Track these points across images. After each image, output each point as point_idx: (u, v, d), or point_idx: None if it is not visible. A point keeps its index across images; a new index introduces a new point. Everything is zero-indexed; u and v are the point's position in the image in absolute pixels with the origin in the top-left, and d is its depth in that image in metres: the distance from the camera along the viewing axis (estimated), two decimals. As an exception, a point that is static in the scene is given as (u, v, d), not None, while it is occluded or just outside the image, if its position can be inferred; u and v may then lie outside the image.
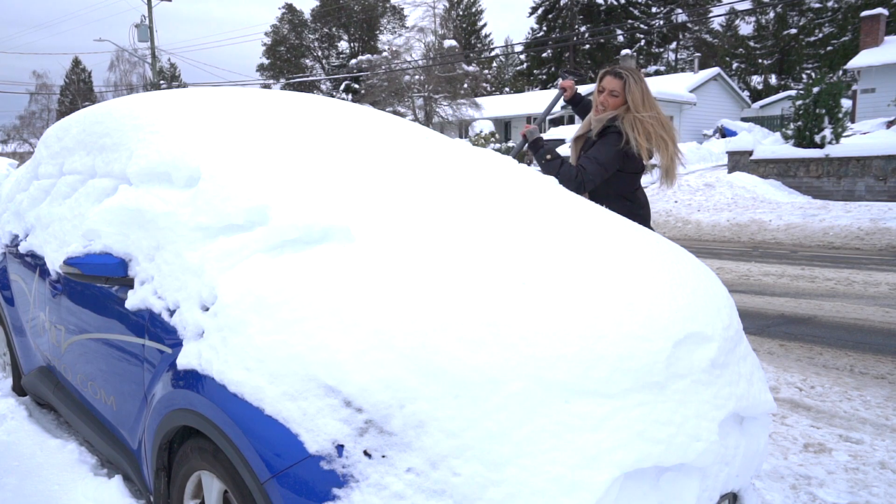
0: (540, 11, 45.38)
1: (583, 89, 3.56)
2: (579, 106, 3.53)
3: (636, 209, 3.03)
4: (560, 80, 3.50)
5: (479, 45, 50.94)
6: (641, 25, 40.97)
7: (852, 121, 18.89)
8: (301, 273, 1.80)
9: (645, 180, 3.22)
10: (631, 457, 1.55)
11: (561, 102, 3.54)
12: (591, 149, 3.02)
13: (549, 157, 2.99)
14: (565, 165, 2.98)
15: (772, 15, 40.13)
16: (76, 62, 55.05)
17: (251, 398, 1.65)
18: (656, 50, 45.03)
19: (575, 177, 2.90)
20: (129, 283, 2.28)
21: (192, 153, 2.31)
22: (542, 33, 45.47)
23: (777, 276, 7.72)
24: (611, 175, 2.98)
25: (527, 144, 3.11)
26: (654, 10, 43.73)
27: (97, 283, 2.34)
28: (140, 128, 2.60)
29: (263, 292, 1.78)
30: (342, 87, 39.24)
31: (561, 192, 2.52)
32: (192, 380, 1.83)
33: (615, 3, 42.23)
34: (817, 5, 36.94)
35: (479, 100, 30.34)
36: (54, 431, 3.31)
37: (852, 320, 5.62)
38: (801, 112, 14.09)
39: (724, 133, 25.39)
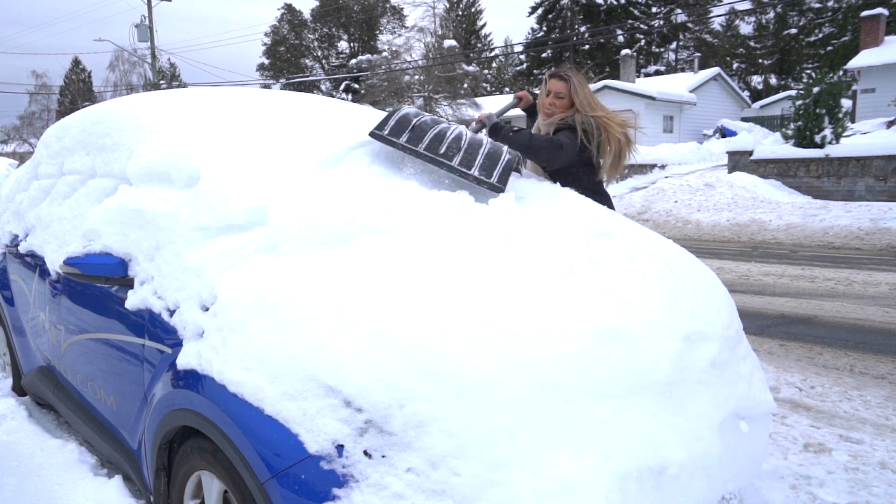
0: (540, 11, 45.34)
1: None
2: (534, 117, 3.39)
3: (603, 202, 3.00)
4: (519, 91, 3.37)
5: (479, 45, 50.91)
6: (641, 25, 40.94)
7: (852, 121, 18.86)
8: (301, 273, 1.80)
9: (645, 180, 3.21)
10: (631, 457, 1.55)
11: (515, 112, 3.42)
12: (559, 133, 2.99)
13: (515, 129, 2.88)
14: (536, 135, 2.92)
15: (772, 15, 40.11)
16: (76, 62, 55.06)
17: (251, 398, 1.65)
18: (656, 50, 45.00)
19: (550, 143, 2.84)
20: (129, 283, 2.28)
21: (192, 153, 2.32)
22: (542, 33, 45.42)
23: (777, 276, 7.72)
24: (573, 167, 2.96)
25: (485, 129, 2.97)
26: (654, 10, 43.71)
27: (97, 283, 2.34)
28: (140, 128, 2.61)
29: (263, 292, 1.78)
30: (342, 87, 39.24)
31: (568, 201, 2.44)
32: (192, 380, 1.83)
33: (615, 3, 42.20)
34: (817, 5, 36.92)
35: (479, 100, 30.29)
36: (54, 431, 3.31)
37: (852, 320, 5.62)
38: (801, 112, 14.09)
39: (724, 133, 25.36)
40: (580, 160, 2.98)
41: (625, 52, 29.76)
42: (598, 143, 2.95)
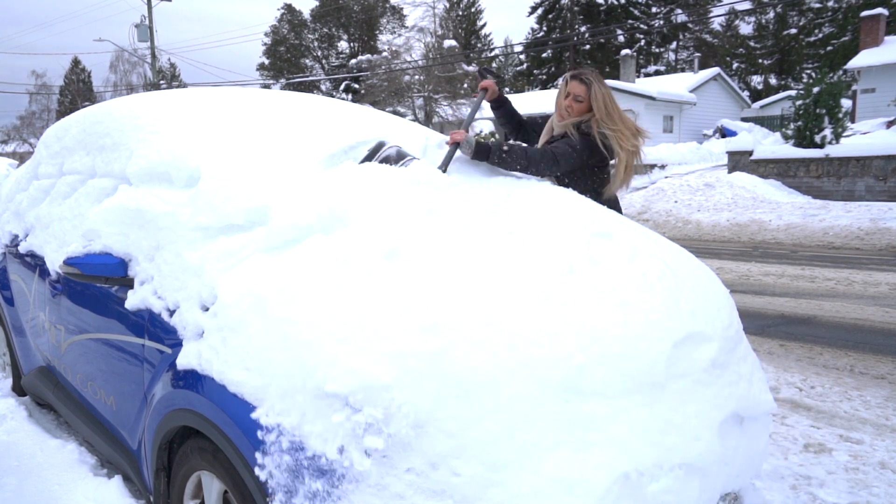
0: (540, 11, 45.34)
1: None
2: (502, 109, 3.19)
3: (610, 207, 3.00)
4: (481, 81, 3.05)
5: (479, 45, 50.90)
6: (641, 25, 40.93)
7: (852, 121, 18.85)
8: (301, 273, 1.80)
9: (645, 180, 3.21)
10: (631, 457, 1.55)
11: (484, 104, 3.11)
12: (557, 141, 2.96)
13: (505, 147, 2.61)
14: (531, 149, 2.71)
15: (772, 15, 40.10)
16: (76, 62, 55.01)
17: (251, 398, 1.65)
18: (656, 50, 45.01)
19: (544, 154, 2.71)
20: (128, 283, 2.28)
21: (192, 153, 2.32)
22: (542, 33, 45.43)
23: (777, 276, 7.72)
24: (581, 172, 2.95)
25: (461, 151, 2.54)
26: (654, 10, 43.70)
27: (97, 283, 2.34)
28: (140, 128, 2.61)
29: (263, 292, 1.78)
30: (342, 87, 39.22)
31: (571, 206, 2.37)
32: (192, 380, 1.83)
33: (615, 2, 42.20)
34: (817, 5, 36.91)
35: (479, 100, 30.27)
36: (54, 431, 3.31)
37: (852, 320, 5.62)
38: (801, 112, 14.09)
39: (724, 133, 25.34)
40: (589, 164, 2.97)
41: (625, 52, 29.75)
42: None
